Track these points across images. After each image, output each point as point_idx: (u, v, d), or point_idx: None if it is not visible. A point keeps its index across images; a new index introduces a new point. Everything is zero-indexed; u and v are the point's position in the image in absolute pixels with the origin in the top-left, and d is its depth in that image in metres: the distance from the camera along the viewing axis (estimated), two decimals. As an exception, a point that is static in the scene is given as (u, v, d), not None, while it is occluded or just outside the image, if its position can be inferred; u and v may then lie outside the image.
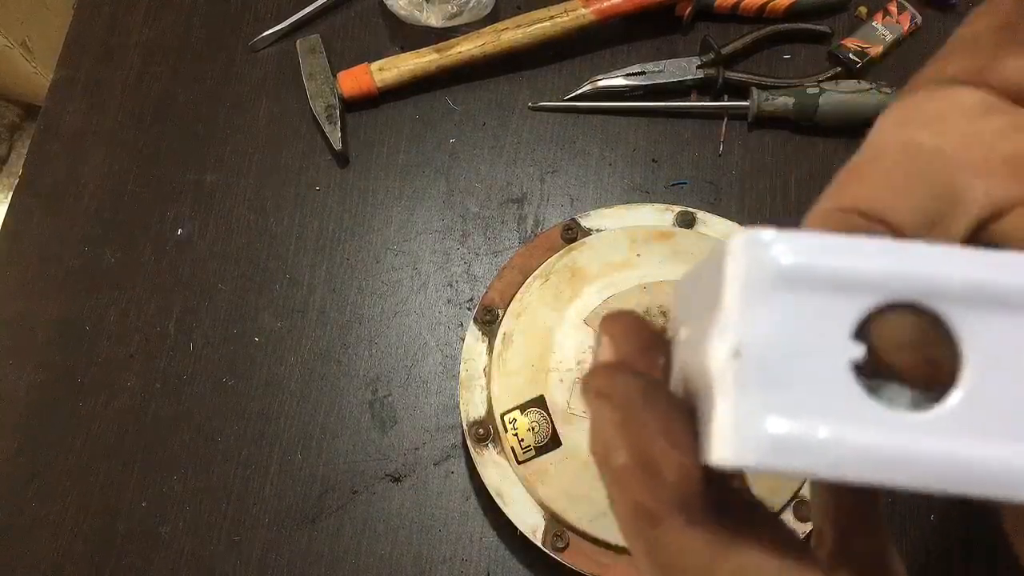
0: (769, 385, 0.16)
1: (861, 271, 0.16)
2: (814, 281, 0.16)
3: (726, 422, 0.16)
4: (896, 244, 0.17)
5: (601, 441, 0.19)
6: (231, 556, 0.55)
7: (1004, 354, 0.16)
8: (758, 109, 0.62)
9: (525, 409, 0.51)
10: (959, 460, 0.16)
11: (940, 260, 0.16)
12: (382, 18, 0.68)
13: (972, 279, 0.16)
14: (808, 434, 0.16)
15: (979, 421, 0.16)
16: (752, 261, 0.17)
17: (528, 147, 0.64)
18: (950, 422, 0.16)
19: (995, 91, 0.22)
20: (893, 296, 0.16)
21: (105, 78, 0.68)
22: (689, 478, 0.18)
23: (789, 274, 0.16)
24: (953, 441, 0.16)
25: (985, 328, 0.16)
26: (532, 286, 0.55)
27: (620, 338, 0.20)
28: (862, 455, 0.16)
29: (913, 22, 0.65)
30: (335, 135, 0.63)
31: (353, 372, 0.59)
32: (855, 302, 0.16)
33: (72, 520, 0.56)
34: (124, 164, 0.65)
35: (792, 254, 0.16)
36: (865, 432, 0.16)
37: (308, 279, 0.61)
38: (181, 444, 0.57)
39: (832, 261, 0.16)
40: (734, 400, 0.16)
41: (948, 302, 0.16)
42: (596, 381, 0.19)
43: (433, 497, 0.55)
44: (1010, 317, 0.16)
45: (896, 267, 0.16)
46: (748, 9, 0.66)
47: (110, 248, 0.63)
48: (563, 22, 0.63)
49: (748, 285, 0.17)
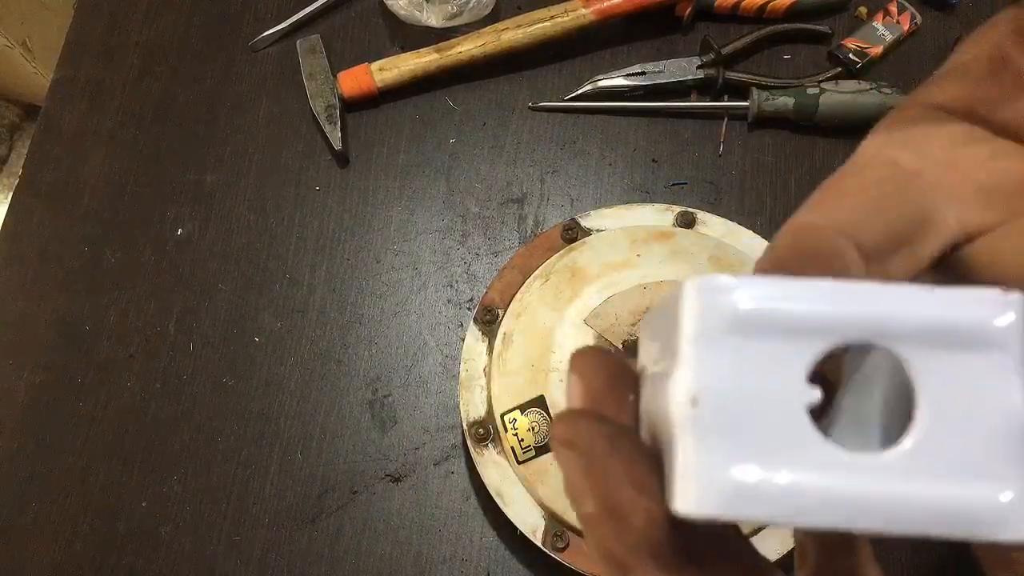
0: (727, 433, 0.16)
1: (815, 315, 0.16)
2: (769, 326, 0.16)
3: (686, 472, 0.16)
4: (849, 287, 0.16)
5: (571, 490, 0.19)
6: (231, 556, 0.55)
7: (957, 393, 0.16)
8: (758, 109, 0.62)
9: (525, 409, 0.51)
10: (918, 501, 0.16)
11: (893, 301, 0.16)
12: (382, 18, 0.68)
13: (924, 319, 0.16)
14: (768, 482, 0.16)
15: (935, 461, 0.16)
16: (707, 307, 0.17)
17: (528, 147, 0.64)
18: (907, 463, 0.16)
19: (982, 123, 0.22)
20: (847, 338, 0.16)
21: (105, 78, 0.68)
22: (656, 524, 0.17)
23: (744, 320, 0.16)
24: (910, 482, 0.16)
25: (938, 367, 0.16)
26: (532, 286, 0.55)
27: (589, 375, 0.20)
28: (823, 501, 0.16)
29: (913, 22, 0.65)
30: (335, 135, 0.63)
31: (353, 372, 0.59)
32: (810, 345, 0.16)
33: (72, 520, 0.56)
34: (124, 164, 0.65)
35: (747, 300, 0.16)
36: (823, 477, 0.16)
37: (308, 279, 0.61)
38: (181, 444, 0.57)
39: (786, 306, 0.16)
40: (693, 449, 0.16)
41: (901, 342, 0.16)
42: (560, 430, 0.19)
43: (433, 497, 0.55)
44: (962, 355, 0.16)
45: (849, 310, 0.16)
46: (748, 9, 0.66)
47: (110, 248, 0.63)
48: (563, 22, 0.63)
49: (703, 331, 0.17)
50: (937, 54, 0.65)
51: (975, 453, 0.16)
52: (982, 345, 0.16)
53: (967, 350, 0.16)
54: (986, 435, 0.16)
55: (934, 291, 0.16)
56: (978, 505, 0.16)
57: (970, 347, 0.16)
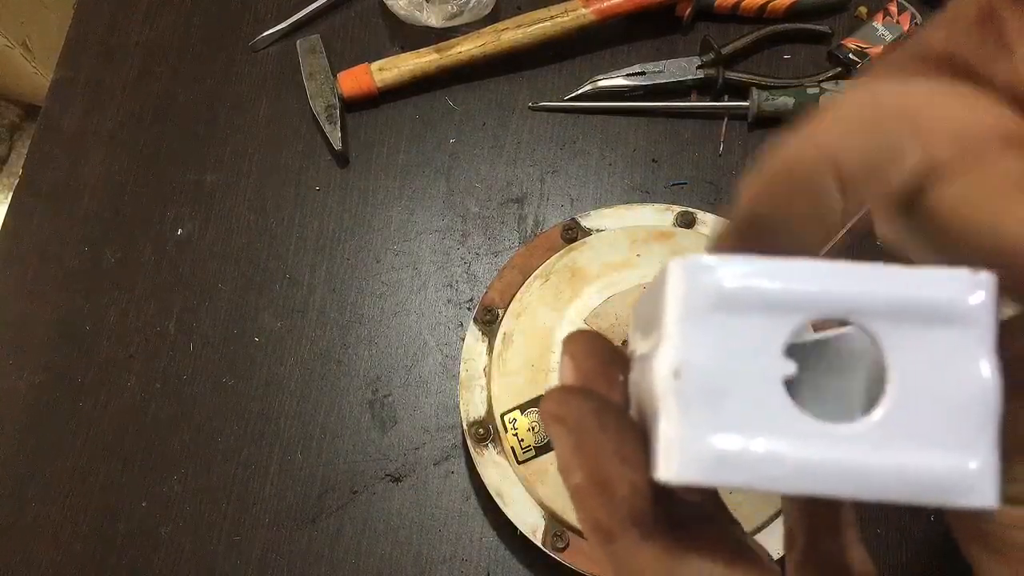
0: (708, 404, 0.17)
1: (792, 293, 0.17)
2: (749, 303, 0.17)
3: (669, 440, 0.17)
4: (824, 265, 0.17)
5: (560, 462, 0.20)
6: (231, 556, 0.55)
7: (928, 366, 0.17)
8: (758, 109, 0.62)
9: (525, 409, 0.51)
10: (888, 468, 0.17)
11: (867, 280, 0.17)
12: (382, 18, 0.68)
13: (896, 296, 0.17)
14: (746, 450, 0.17)
15: (905, 430, 0.17)
16: (691, 285, 0.17)
17: (528, 147, 0.64)
18: (878, 432, 0.17)
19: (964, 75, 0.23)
20: (822, 314, 0.17)
21: (105, 78, 0.68)
22: (640, 494, 0.18)
23: (726, 298, 0.17)
24: (881, 450, 0.17)
25: (908, 342, 0.17)
26: (532, 286, 0.55)
27: (580, 356, 0.21)
28: (797, 468, 0.17)
29: (913, 22, 0.65)
30: (335, 135, 0.63)
31: (353, 372, 0.59)
32: (787, 321, 0.17)
33: (72, 520, 0.56)
34: (124, 164, 0.65)
35: (729, 279, 0.17)
36: (799, 446, 0.17)
37: (308, 279, 0.61)
38: (181, 444, 0.57)
39: (765, 284, 0.17)
40: (676, 419, 0.17)
41: (873, 318, 0.17)
42: (549, 406, 0.20)
43: (433, 497, 0.55)
44: (933, 331, 0.17)
45: (824, 288, 0.17)
46: (748, 9, 0.66)
47: (110, 248, 0.63)
48: (563, 22, 0.63)
49: (687, 308, 0.17)
50: (937, 54, 0.65)
51: (944, 423, 0.17)
52: (953, 322, 0.17)
53: (938, 326, 0.17)
54: (955, 406, 0.17)
55: (907, 270, 0.17)
56: (946, 473, 0.17)
57: (941, 323, 0.17)
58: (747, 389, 0.17)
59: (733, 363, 0.17)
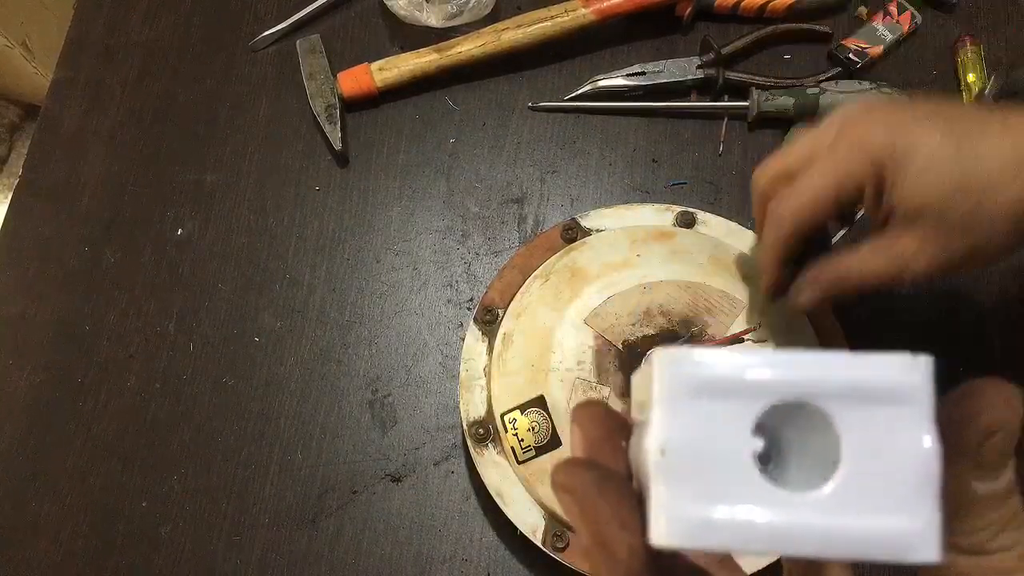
0: (690, 478, 0.20)
1: (757, 382, 0.20)
2: (722, 390, 0.20)
3: (658, 510, 0.20)
4: (785, 356, 0.20)
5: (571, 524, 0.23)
6: (231, 556, 0.55)
7: (875, 440, 0.20)
8: (758, 109, 0.62)
9: (525, 409, 0.51)
10: (845, 531, 0.19)
11: (821, 367, 0.20)
12: (382, 18, 0.68)
13: (846, 381, 0.20)
14: (723, 518, 0.19)
15: (858, 497, 0.19)
16: (672, 374, 0.20)
17: (528, 147, 0.64)
18: (835, 499, 0.19)
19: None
20: (783, 399, 0.20)
21: (105, 78, 0.68)
22: (637, 556, 0.21)
23: (702, 385, 0.20)
24: (838, 516, 0.19)
25: (857, 420, 0.20)
26: (532, 286, 0.55)
27: (587, 426, 0.24)
28: (768, 532, 0.19)
29: (913, 22, 0.65)
30: (335, 135, 0.63)
31: (353, 372, 0.59)
32: (753, 405, 0.20)
33: (72, 520, 0.56)
34: (124, 164, 0.65)
35: (704, 370, 0.20)
36: (768, 513, 0.19)
37: (308, 279, 0.61)
38: (181, 444, 0.57)
39: (736, 373, 0.20)
40: (663, 491, 0.20)
41: (826, 400, 0.20)
42: (558, 477, 0.23)
43: (433, 497, 0.55)
44: (878, 409, 0.20)
45: (785, 376, 0.20)
46: (748, 9, 0.66)
47: (110, 248, 0.63)
48: (563, 22, 0.63)
49: (671, 393, 0.20)
50: (937, 54, 0.65)
51: (891, 490, 0.19)
52: (896, 400, 0.20)
53: (884, 405, 0.20)
54: (900, 475, 0.19)
55: (856, 357, 0.20)
56: (894, 534, 0.19)
57: (886, 402, 0.20)
58: (723, 464, 0.20)
59: (710, 442, 0.20)
